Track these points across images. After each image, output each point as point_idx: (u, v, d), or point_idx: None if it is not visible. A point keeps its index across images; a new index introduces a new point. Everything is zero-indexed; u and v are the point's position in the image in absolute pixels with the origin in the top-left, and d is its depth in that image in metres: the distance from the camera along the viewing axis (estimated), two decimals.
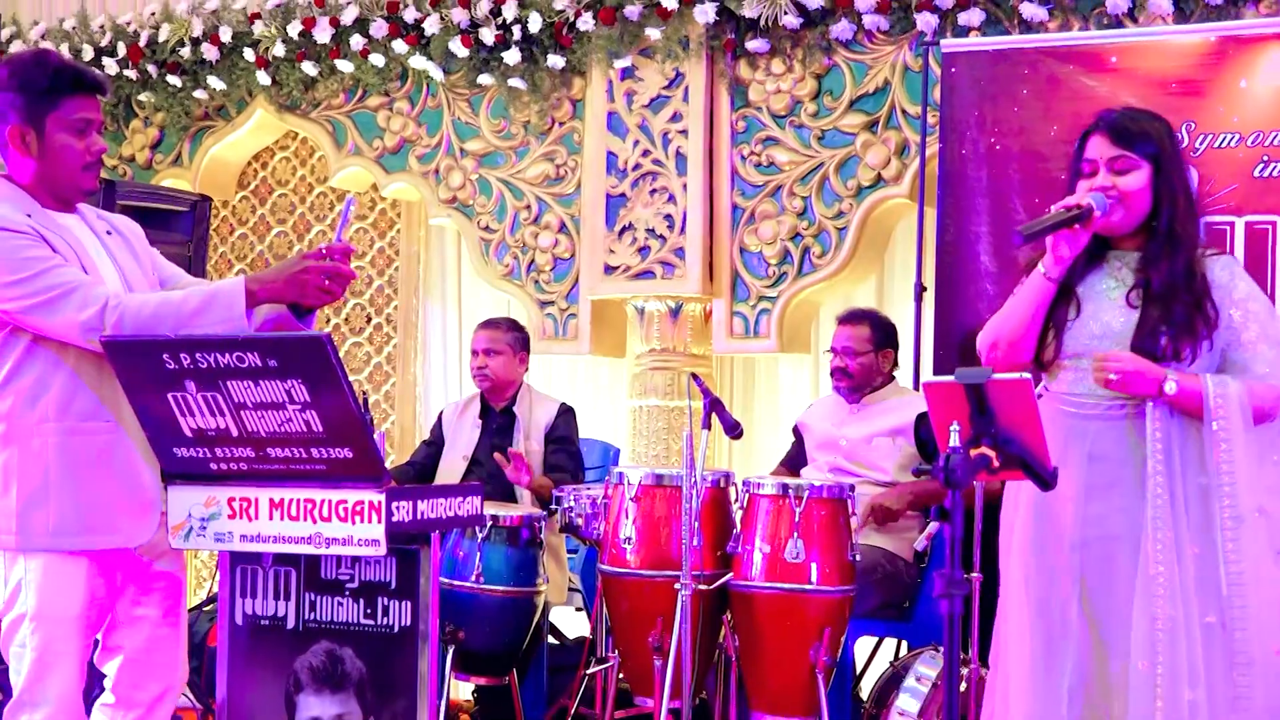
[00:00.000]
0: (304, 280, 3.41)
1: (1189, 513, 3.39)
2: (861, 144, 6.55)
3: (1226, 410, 3.36)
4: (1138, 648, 3.37)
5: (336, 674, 3.38)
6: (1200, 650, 3.35)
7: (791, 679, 4.88)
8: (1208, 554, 3.38)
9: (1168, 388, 3.36)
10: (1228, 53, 5.62)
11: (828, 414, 5.74)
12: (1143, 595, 3.37)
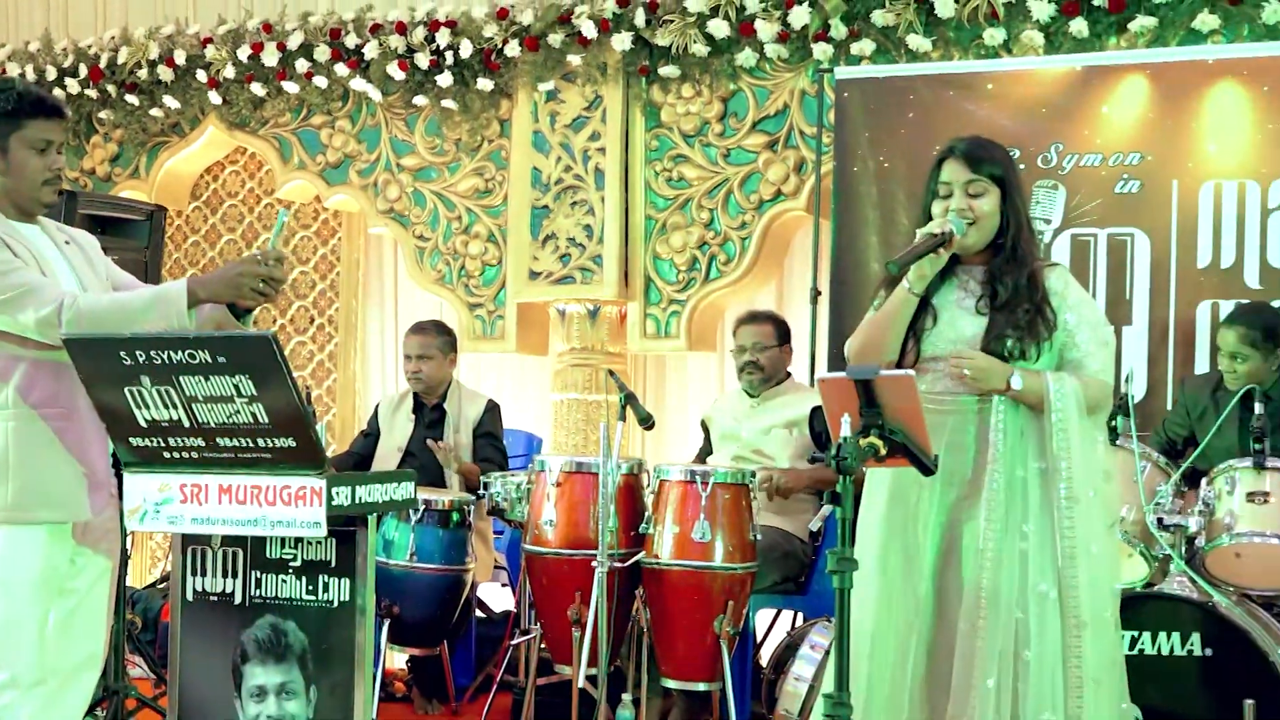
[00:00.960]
0: (240, 283, 3.42)
1: (1027, 494, 3.46)
2: (763, 161, 6.60)
3: (1064, 403, 3.44)
4: (966, 614, 3.42)
5: (280, 646, 3.37)
6: (1034, 615, 3.40)
7: (698, 648, 4.91)
8: (1045, 530, 3.44)
9: (1014, 383, 3.43)
10: (1092, 81, 5.71)
11: (730, 408, 5.78)
12: (974, 567, 3.43)
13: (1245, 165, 5.48)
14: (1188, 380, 5.33)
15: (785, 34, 6.40)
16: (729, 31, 6.48)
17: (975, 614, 3.41)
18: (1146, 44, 5.82)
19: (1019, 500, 3.46)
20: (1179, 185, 5.55)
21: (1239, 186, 5.48)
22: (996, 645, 3.38)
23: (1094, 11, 5.88)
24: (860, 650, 3.51)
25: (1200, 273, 5.51)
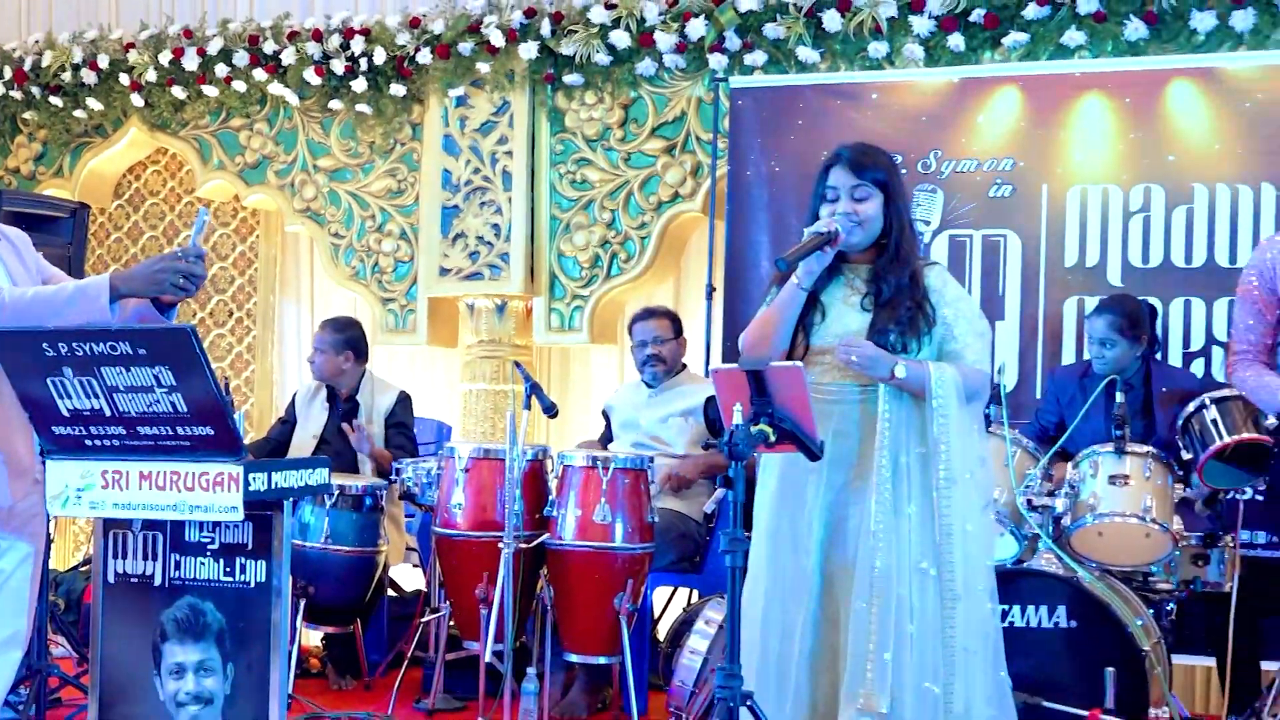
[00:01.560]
0: (162, 279, 3.37)
1: (910, 477, 3.48)
2: (662, 165, 6.60)
3: (944, 391, 3.47)
4: (859, 590, 3.44)
5: (198, 625, 3.34)
6: (916, 591, 3.43)
7: (599, 624, 4.91)
8: (925, 511, 3.47)
9: (898, 372, 3.45)
10: (968, 92, 5.77)
11: (630, 398, 5.78)
12: (865, 547, 3.45)
13: (1109, 171, 5.56)
14: (1056, 371, 5.40)
15: (683, 45, 6.41)
16: (630, 42, 6.48)
17: (869, 591, 3.42)
18: (1019, 58, 5.89)
19: (903, 483, 3.48)
20: (1048, 189, 5.62)
21: (1103, 191, 5.56)
22: (890, 619, 3.41)
23: (970, 27, 5.94)
24: (752, 625, 3.52)
25: (1067, 271, 5.58)
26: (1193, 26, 5.65)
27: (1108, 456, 4.38)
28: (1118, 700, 3.87)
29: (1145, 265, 5.48)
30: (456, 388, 7.04)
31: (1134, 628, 4.12)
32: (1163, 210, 5.49)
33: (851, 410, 3.55)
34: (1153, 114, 5.52)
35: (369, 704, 5.22)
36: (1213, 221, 5.42)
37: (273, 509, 3.31)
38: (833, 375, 3.56)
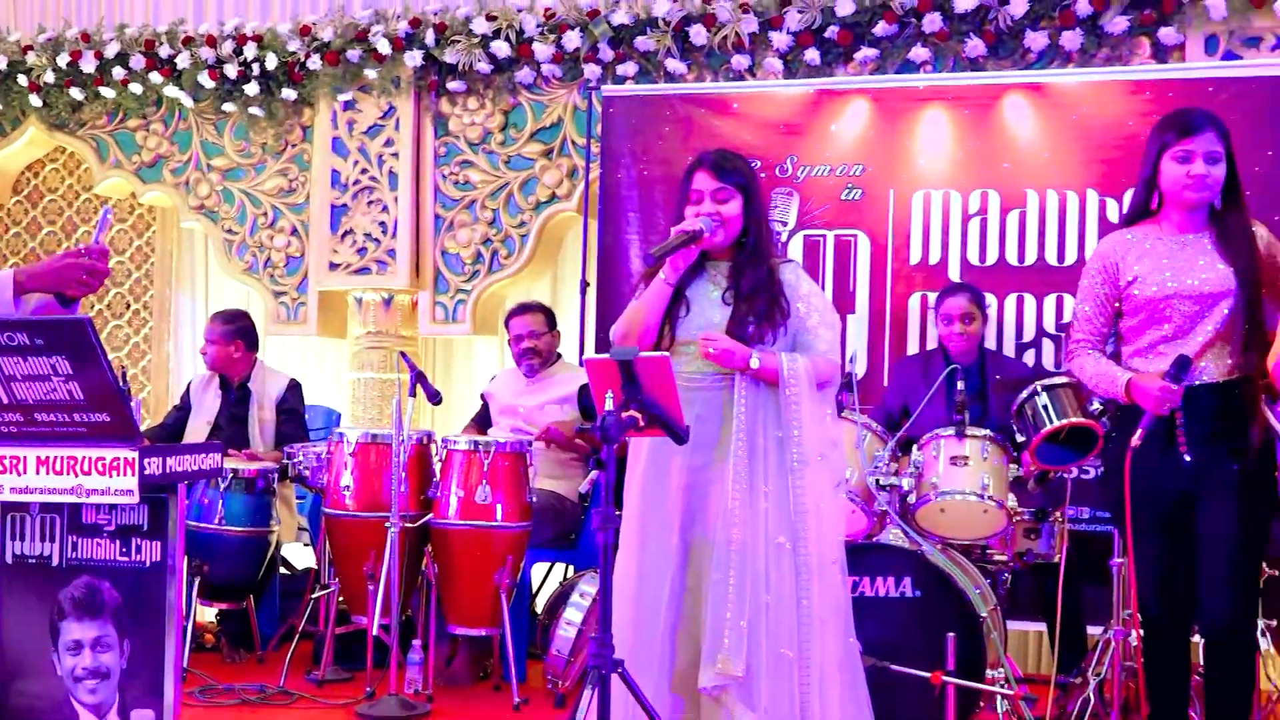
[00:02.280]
0: (65, 275, 3.29)
1: (766, 459, 3.51)
2: (540, 168, 6.58)
3: (796, 380, 3.50)
4: (718, 563, 3.46)
5: (95, 603, 3.27)
6: (772, 564, 3.46)
7: (481, 598, 4.90)
8: (781, 490, 3.50)
9: (753, 362, 3.48)
10: (823, 102, 5.81)
11: (508, 385, 5.75)
12: (723, 523, 3.47)
13: (949, 177, 5.64)
14: (902, 361, 5.48)
15: (559, 55, 6.40)
16: (510, 52, 6.45)
17: (727, 563, 3.44)
18: (869, 72, 5.95)
19: (760, 464, 3.51)
20: (895, 193, 5.69)
21: (944, 195, 5.64)
22: (746, 590, 3.43)
23: (825, 42, 6.00)
24: (623, 597, 3.53)
25: (912, 268, 5.66)
26: (1026, 45, 5.76)
27: (949, 439, 4.42)
28: (958, 663, 3.92)
29: (982, 264, 5.57)
30: (345, 377, 6.96)
31: (973, 596, 4.18)
32: (998, 213, 5.58)
33: (714, 397, 3.57)
34: (989, 125, 5.61)
35: (262, 676, 5.14)
36: (1043, 224, 5.52)
37: (167, 492, 3.25)
38: (697, 365, 3.57)
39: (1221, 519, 3.52)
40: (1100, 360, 3.67)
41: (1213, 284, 3.52)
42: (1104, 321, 3.69)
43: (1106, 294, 3.66)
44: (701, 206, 3.58)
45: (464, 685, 5.14)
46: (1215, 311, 3.53)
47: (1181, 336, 3.55)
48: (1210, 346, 3.53)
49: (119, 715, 3.27)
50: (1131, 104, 5.40)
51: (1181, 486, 3.55)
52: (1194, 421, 3.52)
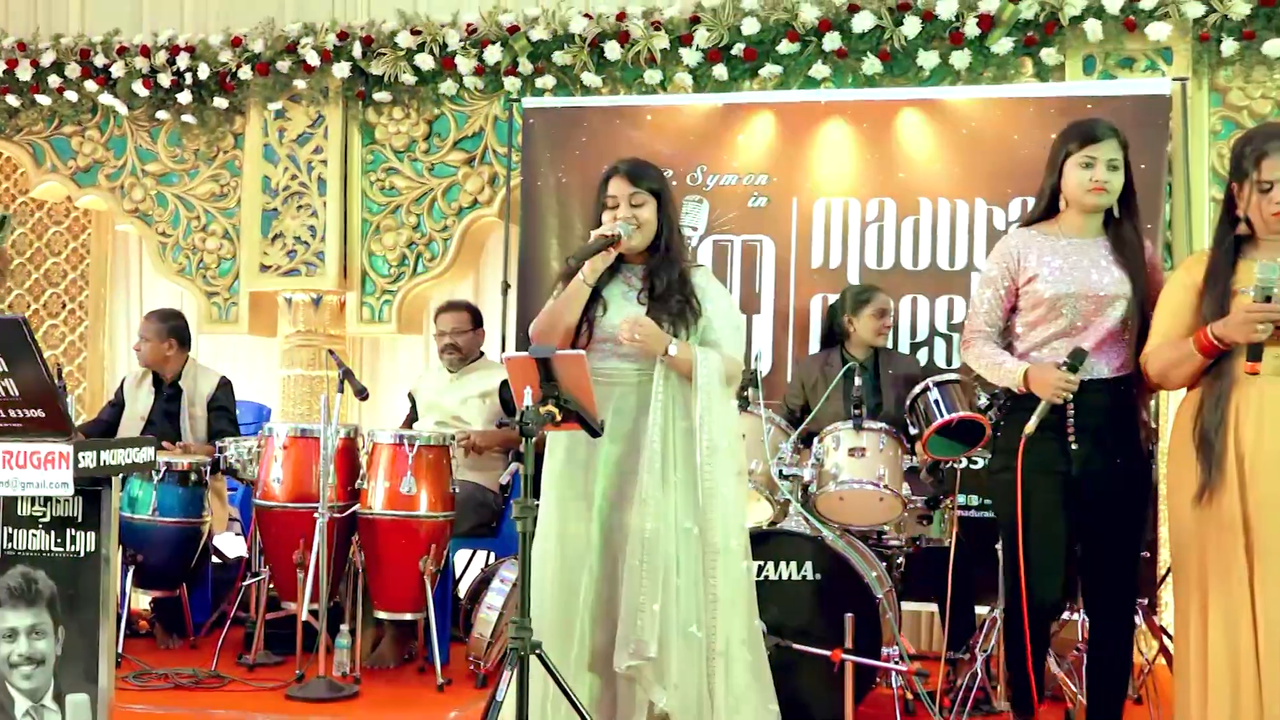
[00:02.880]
0: None
1: (676, 449, 3.52)
2: (462, 175, 6.54)
3: (708, 372, 3.52)
4: (632, 550, 3.46)
5: (31, 592, 3.21)
6: (681, 549, 3.47)
7: (405, 584, 4.87)
8: (689, 477, 3.51)
9: (671, 349, 3.49)
10: (730, 116, 5.83)
11: (433, 382, 5.73)
12: (638, 512, 3.48)
13: (849, 186, 5.68)
14: (804, 359, 5.50)
15: (481, 68, 6.37)
16: (434, 65, 6.41)
17: (641, 550, 3.44)
18: (774, 87, 5.98)
19: (671, 453, 3.51)
20: (798, 201, 5.72)
21: (844, 203, 5.68)
22: (658, 575, 3.43)
23: (732, 59, 6.02)
24: (541, 582, 3.52)
25: (814, 272, 5.69)
26: (920, 64, 5.82)
27: (847, 432, 4.45)
28: (856, 642, 3.95)
29: (879, 267, 5.61)
30: (276, 374, 6.88)
31: (869, 579, 4.21)
32: (894, 220, 5.63)
33: (629, 392, 3.58)
34: (886, 137, 5.66)
35: (194, 661, 5.07)
36: (935, 230, 5.58)
37: (102, 484, 3.20)
38: (614, 361, 3.58)
39: (1107, 508, 3.58)
40: (990, 349, 3.70)
41: (1107, 286, 3.57)
42: (1001, 314, 3.73)
43: (1006, 288, 3.70)
44: (618, 211, 3.59)
45: (390, 667, 5.10)
46: (1109, 312, 3.58)
47: (1075, 334, 3.60)
48: (1102, 345, 3.59)
49: (54, 700, 3.21)
50: (1016, 119, 5.48)
51: (1070, 474, 3.59)
52: (1083, 414, 3.56)
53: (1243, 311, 3.16)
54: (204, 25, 7.06)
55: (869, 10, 5.81)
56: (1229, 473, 3.19)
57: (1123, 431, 3.58)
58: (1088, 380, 3.55)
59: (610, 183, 3.63)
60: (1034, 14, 5.69)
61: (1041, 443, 3.55)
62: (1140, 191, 5.19)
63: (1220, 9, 5.53)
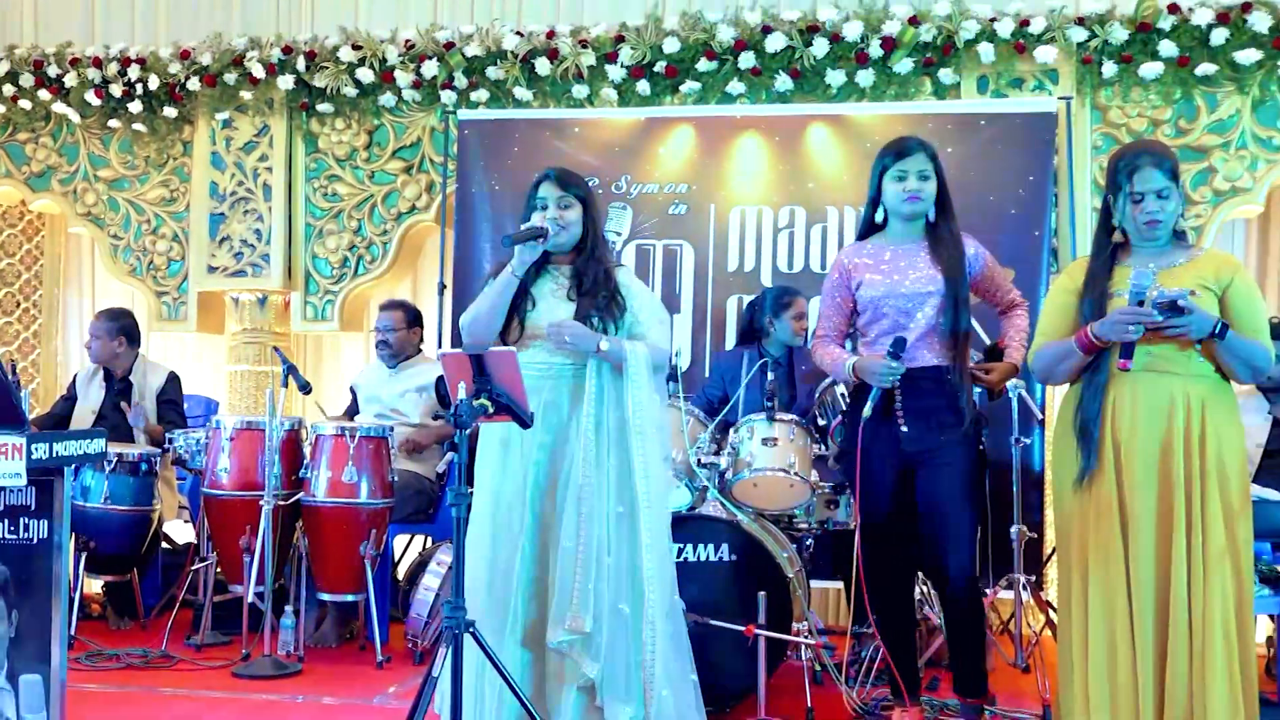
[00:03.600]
0: None
1: (609, 435, 3.51)
2: (401, 182, 6.50)
3: (637, 363, 3.51)
4: (566, 532, 3.46)
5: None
6: (612, 530, 3.47)
7: (347, 567, 4.84)
8: (621, 463, 3.50)
9: (602, 345, 3.48)
10: (652, 129, 5.85)
11: (373, 376, 5.68)
12: (571, 496, 3.47)
13: (762, 195, 5.73)
14: (721, 354, 5.53)
15: (419, 82, 6.33)
16: (374, 78, 6.35)
17: (575, 532, 3.44)
18: (693, 102, 6.01)
19: (604, 441, 3.50)
20: (715, 209, 5.75)
21: (758, 210, 5.72)
22: (592, 555, 3.43)
23: (655, 76, 6.03)
24: (477, 564, 3.51)
25: (730, 274, 5.72)
26: (828, 82, 5.87)
27: (761, 423, 4.47)
28: (768, 617, 3.97)
29: (790, 271, 5.66)
30: (223, 369, 6.80)
31: (781, 559, 4.23)
32: (804, 226, 5.68)
33: (561, 384, 3.56)
34: (796, 150, 5.71)
35: (145, 642, 5.00)
36: (842, 236, 5.63)
37: (54, 475, 3.14)
38: (545, 355, 3.56)
39: (939, 485, 3.66)
40: (832, 348, 3.81)
41: (923, 284, 3.67)
42: (841, 319, 3.83)
43: (842, 296, 3.80)
44: (546, 213, 3.59)
45: (332, 646, 5.07)
46: (926, 307, 3.67)
47: (900, 330, 3.68)
48: (924, 337, 3.67)
49: (8, 680, 3.15)
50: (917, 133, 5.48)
51: (902, 455, 3.68)
52: (910, 398, 3.65)
53: (1118, 313, 3.22)
54: (154, 38, 6.96)
55: (781, 32, 5.85)
56: (1106, 460, 3.25)
57: (947, 413, 3.66)
58: (913, 368, 3.63)
59: (540, 187, 3.63)
60: (932, 37, 5.76)
61: (876, 427, 3.64)
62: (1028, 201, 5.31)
63: (1101, 34, 5.63)
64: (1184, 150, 5.61)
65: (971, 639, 3.75)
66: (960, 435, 3.67)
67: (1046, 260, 5.40)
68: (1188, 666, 3.12)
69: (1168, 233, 3.34)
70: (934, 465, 3.66)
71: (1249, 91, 5.64)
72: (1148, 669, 3.17)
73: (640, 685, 3.47)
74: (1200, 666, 3.11)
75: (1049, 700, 4.10)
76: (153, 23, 7.09)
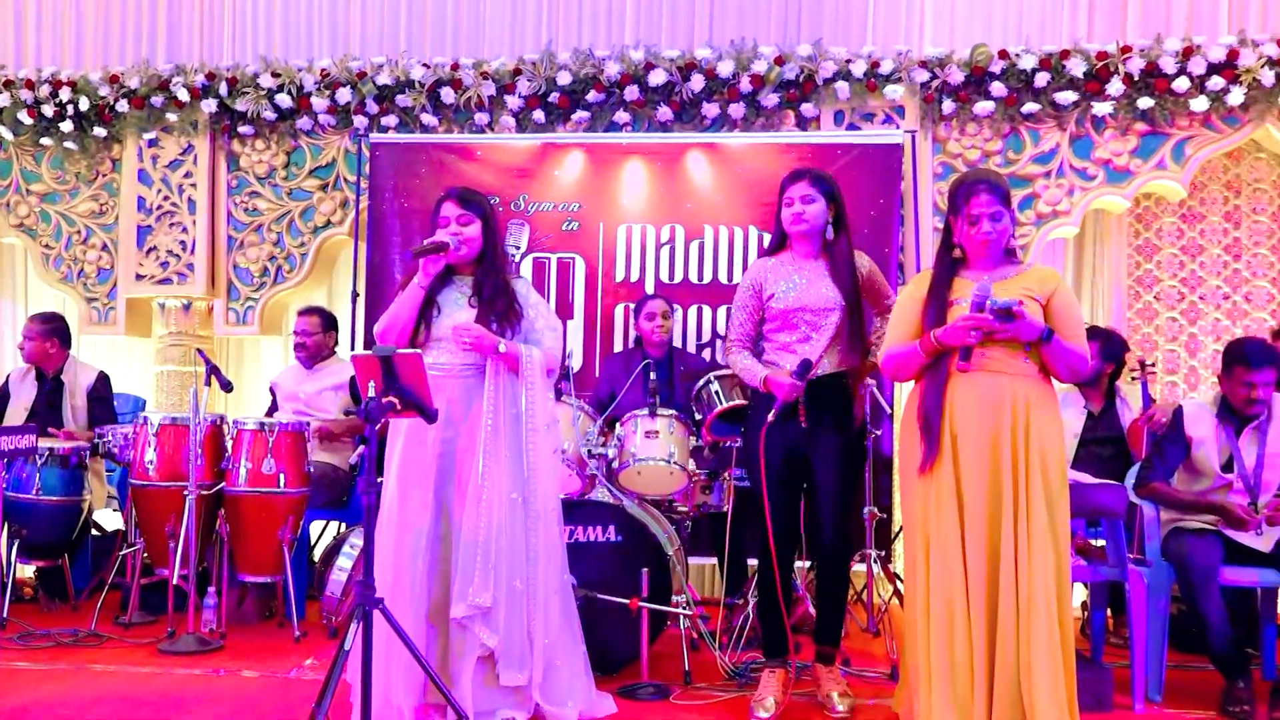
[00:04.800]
0: None
1: (505, 430, 3.51)
2: (317, 199, 6.38)
3: (532, 366, 3.52)
4: (468, 516, 3.45)
5: None
6: (508, 514, 3.46)
7: (267, 550, 4.73)
8: (515, 454, 3.51)
9: (501, 347, 3.48)
10: (548, 153, 5.83)
11: (292, 376, 5.57)
12: (473, 483, 3.46)
13: (646, 214, 5.74)
14: (609, 357, 5.54)
15: (333, 108, 6.23)
16: (291, 103, 6.23)
17: (476, 516, 3.43)
18: (584, 129, 6.00)
19: (500, 434, 3.50)
20: (604, 226, 5.75)
21: (642, 228, 5.74)
22: (491, 537, 3.42)
23: (549, 105, 6.01)
24: (386, 547, 3.47)
25: (618, 284, 5.73)
26: (704, 113, 5.91)
27: (644, 418, 4.49)
28: (650, 591, 3.99)
29: (670, 281, 5.69)
30: (151, 370, 6.60)
31: (662, 539, 4.25)
32: (683, 242, 5.71)
33: (462, 384, 3.55)
34: (676, 174, 5.74)
35: (75, 623, 4.84)
36: (716, 251, 5.68)
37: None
38: (448, 357, 3.55)
39: (830, 475, 3.72)
40: (747, 357, 3.83)
41: (826, 300, 3.72)
42: (751, 327, 3.86)
43: (753, 306, 3.83)
44: (449, 229, 3.57)
45: (253, 623, 4.95)
46: (829, 321, 3.72)
47: (805, 340, 3.73)
48: (827, 347, 3.73)
49: None
50: (782, 160, 5.61)
51: (800, 451, 3.73)
52: (811, 401, 3.70)
53: (961, 319, 3.28)
54: (84, 63, 6.76)
55: (662, 68, 5.88)
56: (945, 449, 3.31)
57: (842, 414, 3.74)
58: (816, 377, 3.69)
59: (443, 205, 3.62)
60: (795, 75, 5.84)
61: (778, 428, 3.68)
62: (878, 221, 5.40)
63: (941, 76, 5.76)
64: (1012, 178, 5.77)
65: (836, 600, 3.83)
66: (850, 433, 3.74)
67: (895, 273, 5.51)
68: (1014, 627, 3.20)
69: (1000, 250, 3.42)
70: (824, 457, 3.71)
71: (1067, 128, 5.81)
72: (979, 630, 3.24)
73: (535, 654, 3.46)
74: (1025, 628, 3.19)
75: (896, 660, 4.18)
76: (84, 48, 6.89)
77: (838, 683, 3.80)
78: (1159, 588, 4.11)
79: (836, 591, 3.82)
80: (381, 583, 3.31)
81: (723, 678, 4.10)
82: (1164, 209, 6.22)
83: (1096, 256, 6.29)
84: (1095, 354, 4.88)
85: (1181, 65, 5.63)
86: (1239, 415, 4.10)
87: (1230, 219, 6.18)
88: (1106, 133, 5.78)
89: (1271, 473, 4.04)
